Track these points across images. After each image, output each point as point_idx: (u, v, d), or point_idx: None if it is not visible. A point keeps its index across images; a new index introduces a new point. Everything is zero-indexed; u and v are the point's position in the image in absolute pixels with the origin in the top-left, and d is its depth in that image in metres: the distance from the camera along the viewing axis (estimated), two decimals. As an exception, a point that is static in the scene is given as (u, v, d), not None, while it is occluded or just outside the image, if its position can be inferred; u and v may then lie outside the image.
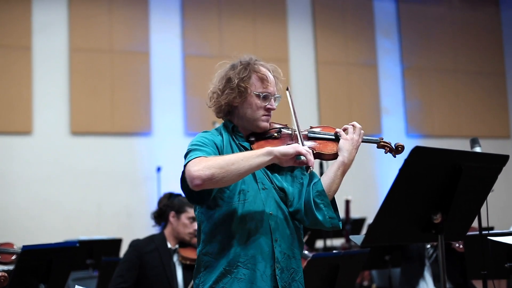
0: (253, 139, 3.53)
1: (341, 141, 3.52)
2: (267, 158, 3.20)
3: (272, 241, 3.34)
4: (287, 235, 3.40)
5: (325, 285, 4.78)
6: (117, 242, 8.24)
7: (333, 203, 3.51)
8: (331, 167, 3.50)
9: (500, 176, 3.13)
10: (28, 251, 4.44)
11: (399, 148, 3.62)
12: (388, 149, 3.63)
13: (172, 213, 5.73)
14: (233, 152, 3.43)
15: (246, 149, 3.46)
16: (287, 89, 3.66)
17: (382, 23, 13.97)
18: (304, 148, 3.24)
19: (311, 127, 3.68)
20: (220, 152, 3.40)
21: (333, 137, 3.57)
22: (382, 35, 13.94)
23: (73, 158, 11.12)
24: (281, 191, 3.45)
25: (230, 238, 3.33)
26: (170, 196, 5.87)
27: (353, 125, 3.58)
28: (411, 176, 2.86)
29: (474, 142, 4.60)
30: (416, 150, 2.78)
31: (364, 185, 12.51)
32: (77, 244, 4.94)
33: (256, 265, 3.30)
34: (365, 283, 10.02)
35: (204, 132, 3.54)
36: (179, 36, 12.20)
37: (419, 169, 2.85)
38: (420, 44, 14.19)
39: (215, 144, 3.41)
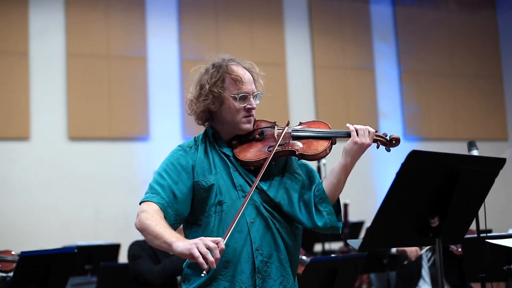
0: (235, 142, 3.45)
1: (349, 143, 3.37)
2: (167, 247, 3.13)
3: (253, 250, 3.27)
4: (271, 242, 3.33)
5: (324, 289, 4.79)
6: (115, 247, 8.23)
7: (336, 205, 3.44)
8: (333, 171, 3.40)
9: (498, 179, 3.14)
10: (26, 257, 4.45)
11: (394, 141, 3.42)
12: (381, 142, 3.43)
13: None
14: (209, 163, 3.39)
15: (227, 156, 3.41)
16: (287, 124, 3.52)
17: (379, 27, 13.98)
18: (206, 244, 2.96)
19: (300, 123, 3.55)
20: (189, 172, 3.38)
21: (327, 134, 3.44)
22: (379, 39, 13.95)
23: (71, 163, 11.11)
24: (266, 195, 3.37)
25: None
26: None
27: (367, 129, 3.37)
28: (408, 180, 2.86)
29: (471, 145, 4.60)
30: (413, 154, 2.79)
31: (362, 189, 12.51)
32: (75, 250, 4.94)
33: (235, 277, 3.25)
34: (364, 286, 10.02)
35: (177, 147, 3.52)
36: (176, 41, 12.20)
37: (416, 173, 2.86)
38: (417, 48, 14.21)
39: (181, 166, 3.39)
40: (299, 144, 3.40)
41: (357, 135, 3.36)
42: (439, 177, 2.91)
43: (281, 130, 3.43)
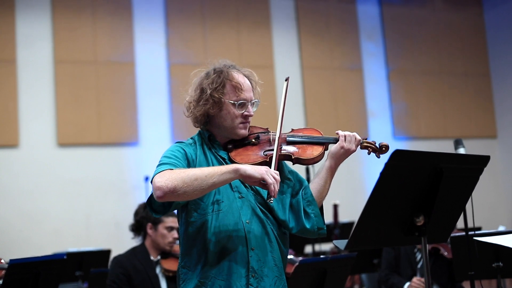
0: (231, 146, 3.51)
1: (336, 146, 3.49)
2: (232, 176, 3.14)
3: (248, 250, 3.31)
4: (266, 243, 3.38)
5: (313, 290, 4.79)
6: (106, 253, 8.20)
7: (320, 209, 3.51)
8: (320, 174, 3.49)
9: (487, 176, 3.15)
10: (16, 264, 4.43)
11: (383, 148, 3.55)
12: (371, 149, 3.57)
13: (149, 225, 5.70)
14: (208, 162, 3.42)
15: (223, 159, 3.45)
16: (286, 80, 3.66)
17: (366, 27, 14.01)
18: (272, 175, 3.13)
19: (292, 130, 3.62)
20: (191, 164, 3.38)
21: (320, 140, 3.52)
22: (366, 39, 13.97)
23: (60, 169, 11.10)
24: (262, 197, 3.43)
25: (204, 250, 3.31)
26: (145, 206, 5.82)
27: (354, 136, 3.52)
28: (392, 180, 2.87)
29: (458, 143, 4.61)
30: (396, 154, 2.80)
31: (352, 189, 12.52)
32: (65, 257, 4.92)
33: (231, 276, 3.28)
34: (356, 287, 10.03)
35: (178, 142, 3.53)
36: (163, 45, 12.20)
37: (400, 172, 2.87)
38: (405, 47, 14.24)
39: (186, 156, 3.40)
40: (294, 149, 3.49)
41: (345, 140, 3.48)
42: (423, 175, 2.92)
43: (274, 152, 3.43)
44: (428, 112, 14.20)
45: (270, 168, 3.25)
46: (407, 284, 6.73)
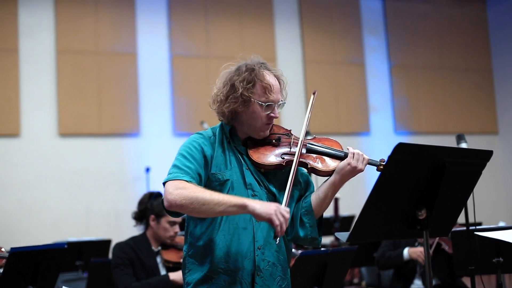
0: (251, 142, 3.49)
1: (343, 162, 3.41)
2: (239, 211, 3.15)
3: (255, 249, 3.32)
4: (273, 243, 3.37)
5: (314, 283, 4.80)
6: (106, 243, 8.20)
7: (319, 221, 3.50)
8: (323, 187, 3.45)
9: (488, 172, 3.15)
10: (16, 253, 4.43)
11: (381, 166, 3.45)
12: (379, 168, 3.46)
13: (152, 217, 5.68)
14: (225, 156, 3.42)
15: (241, 154, 3.45)
16: (314, 93, 3.61)
17: (369, 21, 14.00)
18: (281, 215, 3.08)
19: (315, 138, 3.58)
20: (208, 162, 3.37)
21: (338, 153, 3.47)
22: (369, 33, 13.96)
23: (61, 159, 11.10)
24: (274, 197, 3.43)
25: (213, 244, 3.32)
26: (150, 196, 5.81)
27: (362, 156, 3.44)
28: (395, 173, 2.87)
29: (460, 138, 4.62)
30: (400, 147, 2.80)
31: (353, 183, 12.40)
32: (65, 246, 4.92)
33: (236, 272, 3.29)
34: (355, 280, 10.04)
35: (197, 134, 3.50)
36: (166, 36, 12.19)
37: (403, 165, 2.86)
38: (407, 42, 14.23)
39: (203, 153, 3.38)
40: (312, 158, 3.47)
41: (353, 158, 3.41)
42: (426, 169, 2.92)
43: (299, 137, 3.45)
44: (430, 108, 14.19)
45: (283, 201, 3.25)
46: (407, 249, 6.75)
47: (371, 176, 12.66)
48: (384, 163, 3.40)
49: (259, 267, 3.32)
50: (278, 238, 3.13)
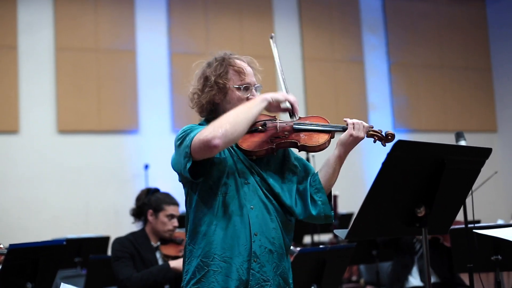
0: None
1: (345, 134, 3.47)
2: (264, 104, 3.32)
3: (251, 235, 3.33)
4: (270, 229, 3.39)
5: (312, 280, 4.79)
6: (105, 240, 8.21)
7: (328, 196, 3.53)
8: (329, 163, 3.51)
9: (487, 170, 3.15)
10: (15, 250, 4.43)
11: (389, 137, 3.50)
12: (377, 138, 3.54)
13: (150, 212, 5.69)
14: None
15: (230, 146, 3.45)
16: (271, 38, 3.77)
17: (368, 19, 14.00)
18: (292, 96, 3.41)
19: (300, 118, 3.58)
20: None
21: (331, 128, 3.50)
22: (368, 31, 13.97)
23: (60, 156, 11.10)
24: (267, 184, 3.44)
25: (210, 230, 3.34)
26: (147, 192, 5.82)
27: (362, 123, 3.49)
28: (394, 170, 2.87)
29: (459, 136, 4.61)
30: (399, 144, 2.80)
31: (352, 180, 12.52)
32: (64, 243, 4.92)
33: (232, 258, 3.30)
34: (354, 278, 10.06)
35: (189, 125, 3.48)
36: (165, 34, 12.19)
37: (402, 162, 2.87)
38: (406, 40, 14.23)
39: None
40: (300, 136, 3.49)
41: (353, 128, 3.46)
42: (425, 166, 2.92)
43: (282, 80, 3.63)
44: (429, 106, 14.20)
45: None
46: None
47: (370, 173, 12.70)
48: (380, 133, 3.53)
49: (255, 253, 3.32)
50: (296, 115, 3.42)
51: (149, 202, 5.70)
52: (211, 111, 3.53)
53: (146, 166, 11.24)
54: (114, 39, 11.77)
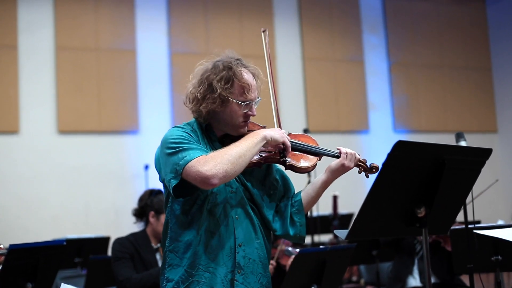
0: (227, 141, 3.44)
1: (337, 163, 3.47)
2: (263, 143, 3.28)
3: (235, 246, 3.31)
4: (253, 239, 3.37)
5: (313, 280, 4.80)
6: (105, 240, 8.22)
7: (305, 217, 3.57)
8: (314, 186, 3.52)
9: (487, 170, 3.14)
10: (15, 250, 4.43)
11: (373, 169, 3.51)
12: (362, 168, 3.53)
13: (151, 213, 5.69)
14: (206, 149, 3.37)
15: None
16: (263, 31, 3.74)
17: (369, 19, 14.00)
18: (287, 137, 3.36)
19: (290, 134, 3.54)
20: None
21: (313, 150, 3.49)
22: (368, 31, 13.96)
23: (60, 156, 11.10)
24: (250, 194, 3.42)
25: (195, 239, 3.30)
26: (150, 193, 5.83)
27: (355, 155, 3.50)
28: (394, 170, 2.86)
29: (459, 136, 4.61)
30: (399, 144, 2.79)
31: (352, 181, 12.41)
32: (64, 243, 4.93)
33: (217, 269, 3.27)
34: (354, 278, 10.05)
35: (177, 127, 3.45)
36: (165, 33, 12.19)
37: (402, 163, 2.86)
38: (407, 40, 14.23)
39: (191, 137, 3.35)
40: (291, 155, 3.45)
41: (346, 158, 3.47)
42: (425, 167, 2.92)
43: (274, 110, 3.54)
44: (429, 106, 14.20)
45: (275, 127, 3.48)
46: None
47: (370, 175, 12.68)
48: (365, 163, 3.54)
49: (239, 264, 3.30)
50: (287, 158, 3.37)
51: (151, 203, 5.71)
52: (209, 118, 3.46)
53: (146, 167, 11.23)
54: (114, 38, 11.77)
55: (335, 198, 9.72)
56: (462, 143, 4.52)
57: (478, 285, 4.71)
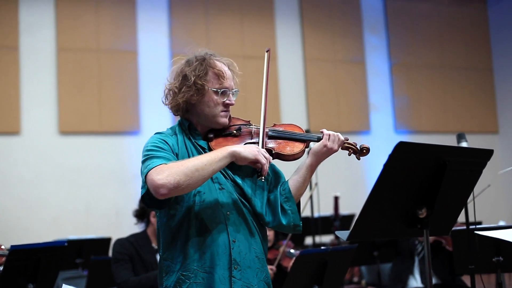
0: (211, 135, 3.46)
1: (319, 144, 3.44)
2: (229, 160, 3.18)
3: (230, 242, 3.28)
4: (247, 234, 3.35)
5: (314, 281, 4.80)
6: (106, 241, 8.22)
7: (297, 206, 3.49)
8: (299, 172, 3.47)
9: (488, 171, 3.14)
10: (16, 251, 4.43)
11: (364, 150, 3.50)
12: (351, 151, 3.52)
13: (152, 213, 5.70)
14: (188, 153, 3.38)
15: (203, 148, 3.41)
16: (267, 51, 3.62)
17: (370, 19, 14.00)
18: (264, 155, 3.22)
19: (274, 125, 3.57)
20: (174, 154, 3.34)
21: (305, 138, 3.48)
22: (369, 32, 13.96)
23: (61, 157, 11.11)
24: (240, 188, 3.40)
25: (187, 242, 3.28)
26: None
27: (338, 136, 3.47)
28: (395, 171, 2.86)
29: (460, 137, 4.62)
30: (400, 146, 2.79)
31: (353, 182, 12.54)
32: (65, 244, 4.93)
33: (214, 268, 3.25)
34: (355, 279, 10.05)
35: (158, 133, 3.48)
36: (166, 34, 12.19)
37: (403, 164, 2.86)
38: (408, 41, 14.24)
39: (169, 146, 3.35)
40: (275, 144, 3.46)
41: (328, 139, 3.44)
42: (427, 168, 2.92)
43: (261, 128, 3.43)
44: (430, 107, 14.20)
45: (259, 146, 3.30)
46: None
47: (371, 175, 12.70)
48: (355, 146, 3.51)
49: (235, 260, 3.28)
50: (263, 178, 3.17)
51: None
52: (186, 110, 3.49)
53: (147, 167, 11.23)
54: (116, 39, 11.77)
55: (336, 199, 9.72)
56: (464, 144, 4.53)
57: (479, 286, 4.71)
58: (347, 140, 3.52)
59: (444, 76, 14.43)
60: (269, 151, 3.41)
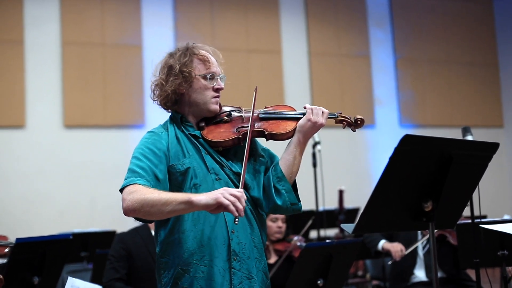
0: (203, 124, 3.45)
1: (303, 119, 3.42)
2: (186, 207, 3.07)
3: (228, 233, 3.27)
4: (245, 224, 3.33)
5: (319, 274, 4.79)
6: (111, 234, 8.19)
7: (293, 185, 3.45)
8: (288, 149, 3.43)
9: (493, 165, 3.14)
10: (22, 244, 4.44)
11: (358, 121, 3.52)
12: (346, 123, 3.54)
13: None
14: (181, 146, 3.37)
15: (196, 138, 3.39)
16: (255, 90, 3.54)
17: (375, 14, 13.98)
18: (230, 195, 3.00)
19: (266, 107, 3.56)
20: (166, 156, 3.33)
21: (294, 115, 3.47)
22: (374, 26, 13.94)
23: (66, 151, 11.11)
24: (238, 176, 3.35)
25: (185, 237, 3.26)
26: None
27: (321, 109, 3.46)
28: (401, 165, 2.86)
29: (465, 131, 4.60)
30: (406, 138, 2.79)
31: (358, 175, 12.53)
32: (71, 237, 4.94)
33: (213, 261, 3.23)
34: (360, 273, 10.05)
35: (148, 132, 3.49)
36: (171, 28, 12.18)
37: (409, 157, 2.86)
38: (413, 35, 14.21)
39: (158, 149, 3.34)
40: (267, 124, 3.45)
41: (312, 113, 3.42)
42: (432, 161, 2.91)
43: (250, 110, 3.44)
44: (435, 101, 14.18)
45: (240, 183, 3.22)
46: (383, 241, 6.83)
47: (376, 168, 12.69)
48: (341, 114, 3.55)
49: (235, 251, 3.26)
50: (237, 219, 3.01)
51: None
52: (175, 101, 3.48)
53: (152, 161, 11.24)
54: (121, 33, 11.77)
55: (341, 192, 9.72)
56: (469, 138, 4.52)
57: (484, 280, 4.71)
58: (340, 113, 3.55)
59: (449, 71, 14.41)
60: (262, 133, 3.42)
